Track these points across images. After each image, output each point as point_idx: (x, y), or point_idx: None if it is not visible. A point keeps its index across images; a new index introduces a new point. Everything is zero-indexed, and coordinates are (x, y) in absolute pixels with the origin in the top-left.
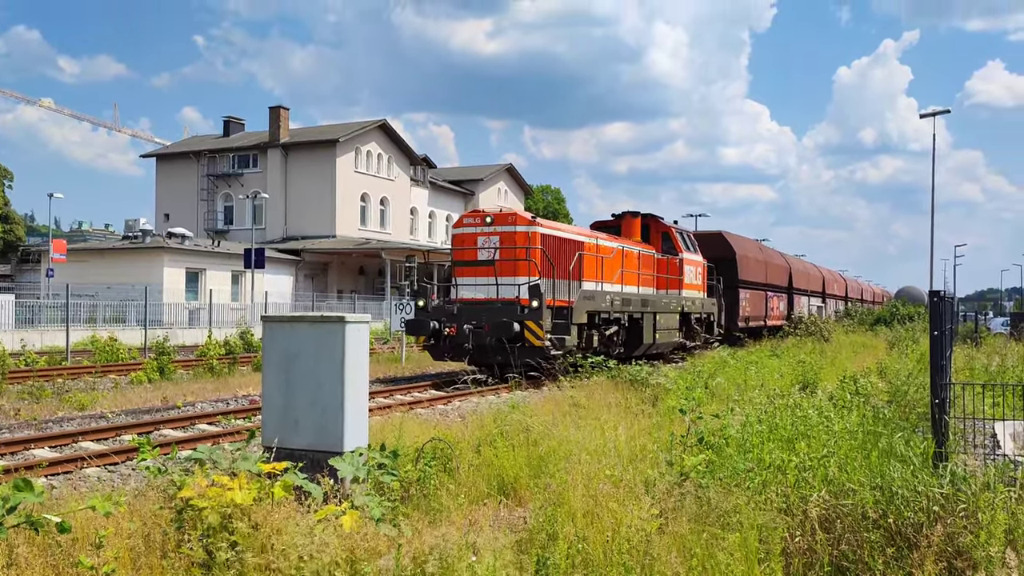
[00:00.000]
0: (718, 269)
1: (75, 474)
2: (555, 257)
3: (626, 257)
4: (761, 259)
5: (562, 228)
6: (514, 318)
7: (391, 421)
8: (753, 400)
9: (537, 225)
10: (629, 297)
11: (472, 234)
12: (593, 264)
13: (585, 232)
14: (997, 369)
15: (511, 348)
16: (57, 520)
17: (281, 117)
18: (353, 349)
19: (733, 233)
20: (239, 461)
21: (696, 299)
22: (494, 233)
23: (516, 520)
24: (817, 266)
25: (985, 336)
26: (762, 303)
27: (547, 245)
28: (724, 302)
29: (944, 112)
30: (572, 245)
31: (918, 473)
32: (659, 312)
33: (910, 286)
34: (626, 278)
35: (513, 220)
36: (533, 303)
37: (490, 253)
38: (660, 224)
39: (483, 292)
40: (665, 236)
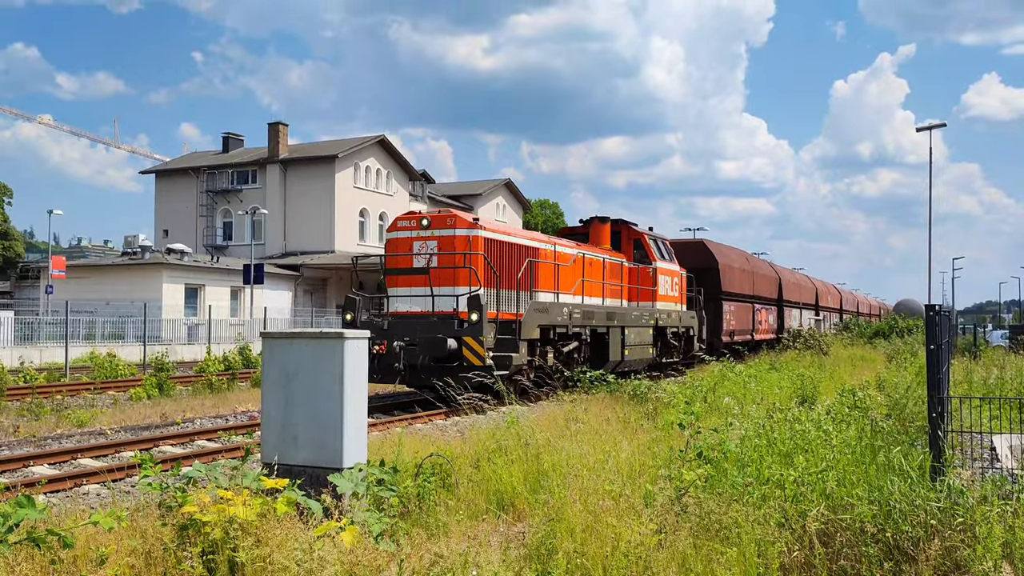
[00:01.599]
0: (699, 280)
1: (75, 491)
2: (502, 264)
3: (590, 265)
4: (747, 269)
5: (511, 232)
6: (450, 334)
7: (390, 437)
8: (752, 414)
9: (479, 228)
10: (592, 309)
11: (407, 239)
12: (548, 273)
13: (540, 237)
14: (996, 382)
15: (447, 368)
16: (60, 535)
17: (280, 133)
18: (352, 365)
19: (716, 242)
20: (240, 477)
21: (672, 312)
22: (431, 238)
23: (515, 535)
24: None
25: (984, 349)
26: (748, 316)
27: (492, 251)
28: (706, 315)
29: (940, 126)
30: (523, 251)
31: (916, 487)
32: (628, 326)
33: (909, 299)
34: (589, 288)
35: (452, 222)
36: (472, 316)
37: (427, 260)
38: (632, 230)
39: (419, 304)
40: (637, 243)
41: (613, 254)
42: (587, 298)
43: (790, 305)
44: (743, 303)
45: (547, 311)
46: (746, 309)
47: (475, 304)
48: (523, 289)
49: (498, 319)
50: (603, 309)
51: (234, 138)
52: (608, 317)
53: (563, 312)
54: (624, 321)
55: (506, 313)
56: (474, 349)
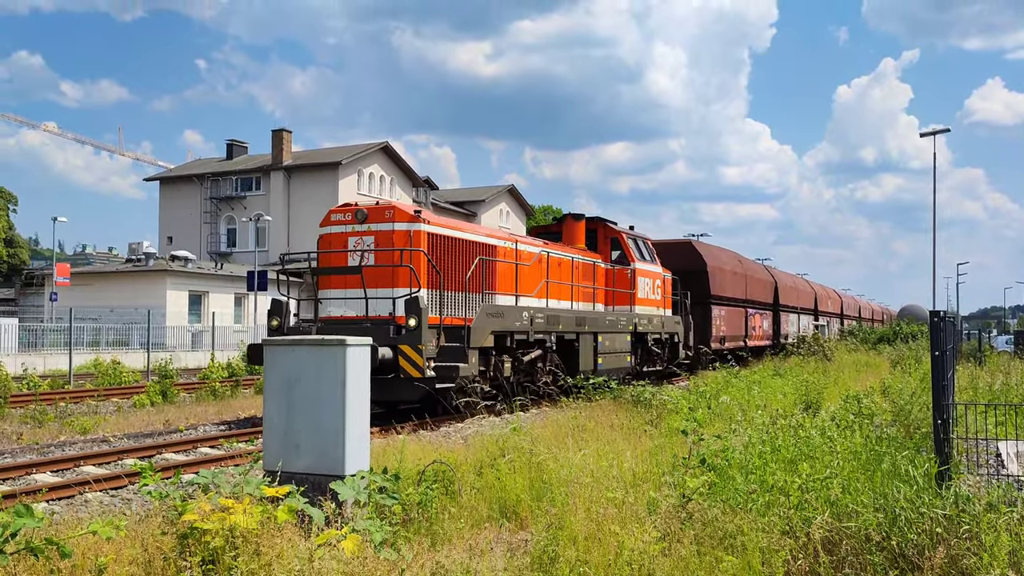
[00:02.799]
0: (686, 283)
1: (77, 499)
2: (450, 263)
3: (557, 265)
4: (740, 272)
5: (461, 227)
6: (385, 341)
7: (393, 443)
8: (755, 420)
9: (422, 222)
10: (557, 314)
11: (341, 235)
12: (507, 273)
13: (498, 234)
14: (1001, 388)
15: (381, 381)
16: (58, 545)
17: (284, 140)
18: (354, 372)
19: (705, 243)
20: (241, 485)
21: (654, 316)
22: (368, 233)
23: (518, 543)
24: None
25: (989, 354)
26: (740, 321)
27: (437, 248)
28: (693, 320)
29: (944, 131)
30: (475, 249)
31: (921, 494)
32: (602, 332)
33: (913, 304)
34: (555, 291)
35: (391, 215)
36: (410, 321)
37: (363, 258)
38: (609, 229)
39: (355, 308)
40: (615, 243)
41: (587, 254)
42: (553, 301)
43: (787, 310)
44: (735, 308)
45: (503, 315)
46: (738, 314)
47: (413, 307)
48: (474, 291)
49: (441, 325)
50: (572, 314)
51: (238, 145)
52: (578, 322)
53: (523, 317)
54: (597, 327)
55: (454, 318)
56: (411, 359)
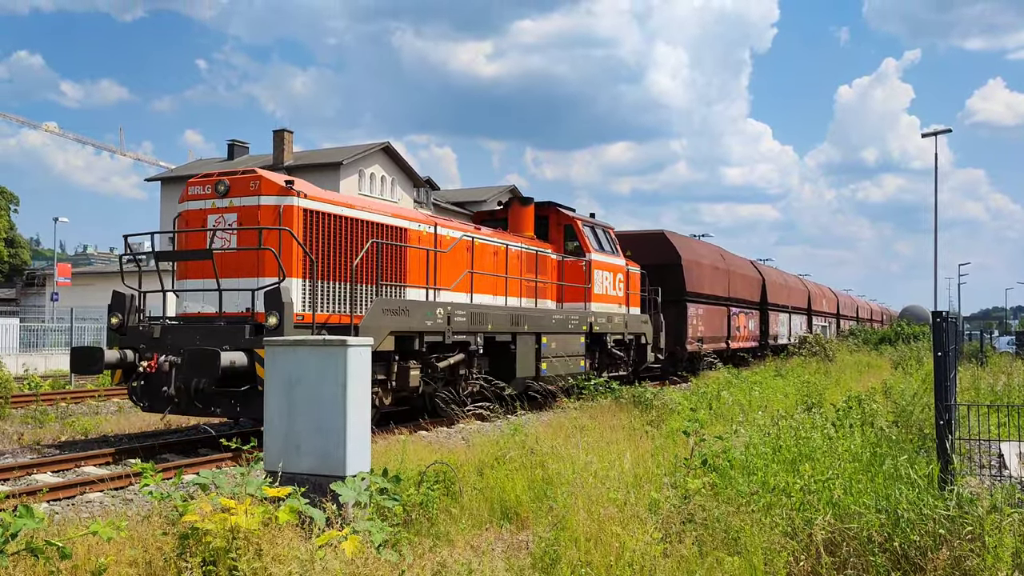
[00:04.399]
0: (659, 278)
1: (77, 499)
2: (335, 248)
3: (493, 255)
4: (721, 267)
5: (354, 203)
6: (239, 344)
7: (394, 444)
8: (756, 421)
9: (295, 195)
10: (485, 310)
11: (200, 211)
12: (418, 262)
13: (409, 214)
14: (1003, 389)
15: (235, 395)
16: (58, 546)
17: (285, 140)
18: (355, 372)
19: (680, 234)
20: (242, 486)
21: (615, 314)
22: (230, 209)
23: (519, 544)
24: (803, 279)
25: (991, 355)
26: (722, 321)
27: (317, 228)
28: (665, 320)
29: (946, 131)
30: (373, 231)
31: (923, 495)
32: (547, 332)
33: (914, 305)
34: (485, 284)
35: (256, 187)
36: (270, 319)
37: (226, 240)
38: (562, 215)
39: (215, 302)
40: (568, 231)
41: (533, 242)
42: (482, 296)
43: (776, 309)
44: (715, 306)
45: (406, 312)
46: (719, 313)
47: (274, 301)
48: (366, 282)
49: (314, 323)
50: (505, 311)
51: (239, 145)
52: (513, 321)
53: (436, 314)
54: (540, 326)
55: (339, 315)
56: None
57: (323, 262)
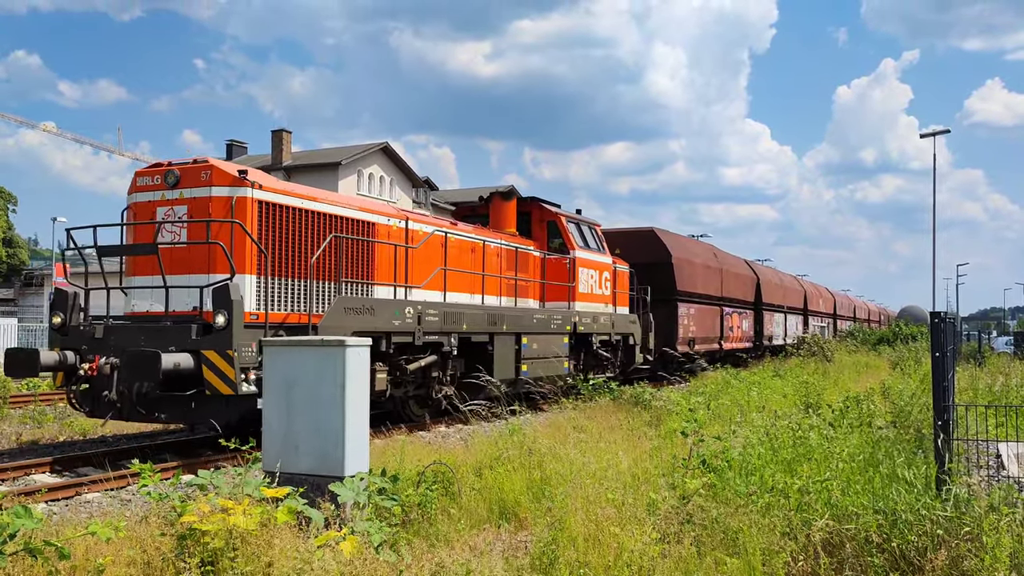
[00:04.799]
0: (649, 277)
1: (76, 500)
2: (294, 243)
3: (471, 251)
4: (714, 266)
5: (314, 195)
6: (185, 345)
7: (393, 444)
8: (754, 422)
9: (248, 186)
10: (459, 309)
11: (149, 204)
12: (385, 258)
13: (376, 207)
14: (1001, 389)
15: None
16: (57, 546)
17: (284, 140)
18: (353, 373)
19: (671, 232)
20: (241, 486)
21: (601, 314)
22: (180, 200)
23: (518, 544)
24: (799, 279)
25: (989, 356)
26: (714, 321)
27: (274, 221)
28: (655, 320)
29: (944, 132)
30: (335, 225)
31: (921, 496)
32: (527, 332)
33: (913, 305)
34: (460, 281)
35: (208, 178)
36: (218, 318)
37: (176, 234)
38: (545, 211)
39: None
40: (552, 227)
41: (514, 239)
42: (457, 294)
43: (771, 309)
44: (708, 306)
45: (371, 311)
46: (711, 313)
47: (222, 299)
48: (327, 279)
49: (266, 323)
50: (482, 310)
51: (238, 145)
52: (491, 320)
53: (405, 313)
54: (519, 326)
55: (299, 315)
56: (219, 370)
57: (280, 257)
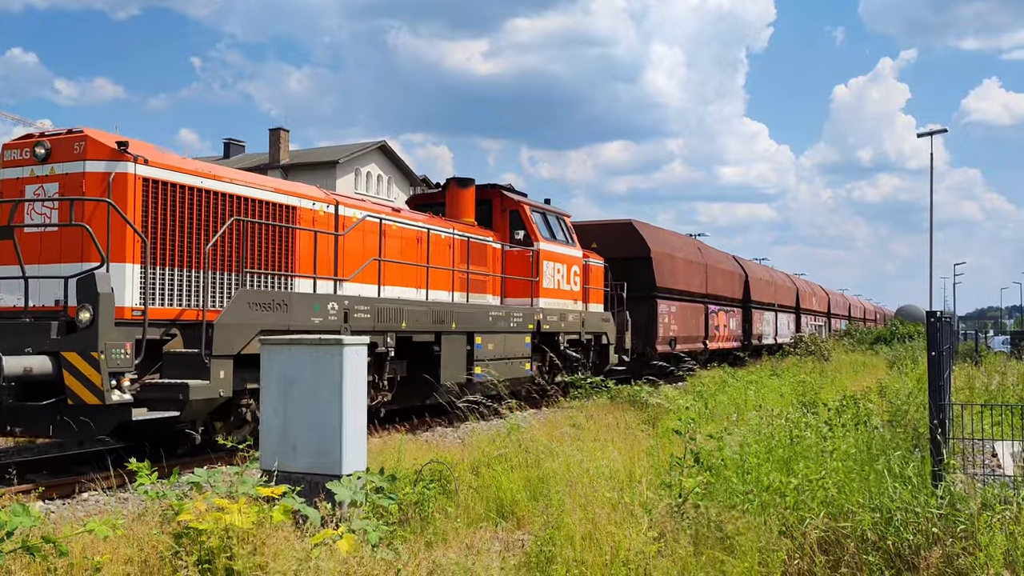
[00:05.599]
0: (627, 272)
1: (73, 498)
2: (187, 226)
3: (412, 242)
4: (698, 261)
5: (216, 173)
6: (44, 346)
7: (390, 443)
8: (751, 420)
9: (130, 161)
10: (397, 305)
11: (16, 180)
12: (308, 247)
13: (293, 189)
14: (997, 388)
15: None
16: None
17: (281, 139)
18: (351, 372)
19: (651, 224)
20: (238, 485)
21: (569, 311)
22: (52, 177)
23: (515, 543)
24: (791, 276)
25: (985, 355)
26: (699, 319)
27: (163, 202)
28: (631, 317)
29: (942, 131)
30: (243, 207)
31: (917, 494)
32: (482, 331)
33: (910, 304)
34: (399, 274)
35: (81, 150)
36: (81, 314)
37: (47, 216)
38: (507, 199)
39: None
40: (515, 217)
41: (470, 229)
42: (395, 288)
43: (760, 307)
44: (691, 303)
45: (283, 306)
46: (695, 311)
47: (87, 292)
48: (228, 270)
49: (145, 319)
50: (426, 306)
51: (235, 144)
52: (437, 318)
53: (328, 309)
54: (472, 323)
55: (196, 311)
56: (82, 375)
57: (173, 244)
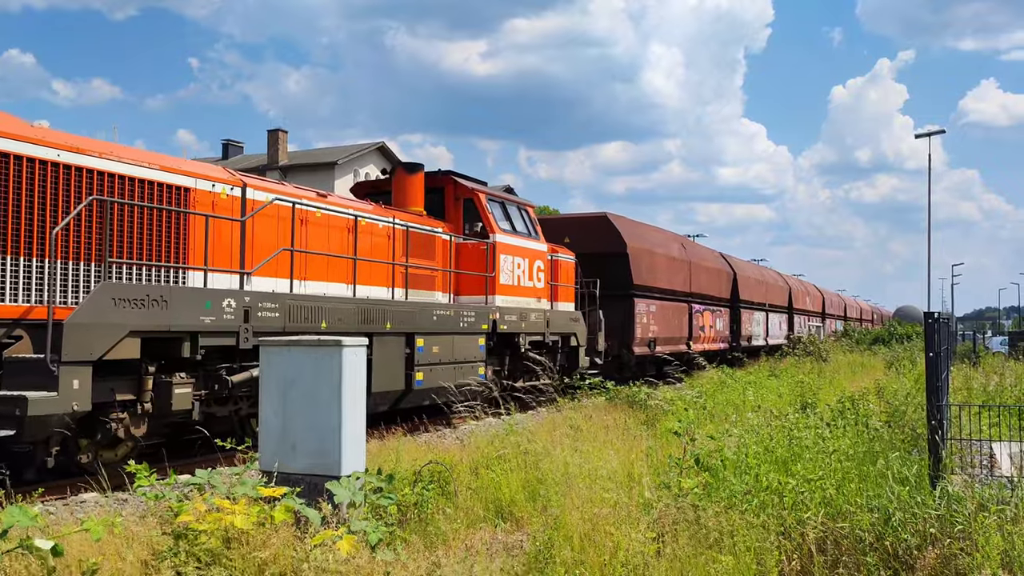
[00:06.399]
0: (601, 269)
1: (72, 499)
2: (35, 208)
3: (343, 231)
4: (681, 258)
5: (80, 146)
6: None
7: (389, 444)
8: (749, 421)
9: None
10: (314, 303)
11: None
12: (201, 234)
13: (186, 167)
14: (995, 389)
15: None
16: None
17: (280, 140)
18: (350, 372)
19: (628, 218)
20: (238, 486)
21: (532, 310)
22: None
23: (514, 544)
24: (783, 275)
25: (983, 355)
26: (681, 319)
27: (6, 178)
28: (609, 317)
29: (940, 132)
30: (116, 186)
31: (914, 495)
32: (424, 332)
33: (908, 305)
34: (326, 269)
35: None
36: None
37: None
38: (461, 187)
39: None
40: (469, 206)
41: (417, 219)
42: (317, 283)
43: (750, 307)
44: (673, 302)
45: (161, 303)
46: (678, 310)
47: None
48: (93, 260)
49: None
50: (353, 304)
51: (234, 145)
52: (366, 317)
53: (222, 306)
54: (412, 324)
55: (44, 308)
56: None
57: (13, 228)
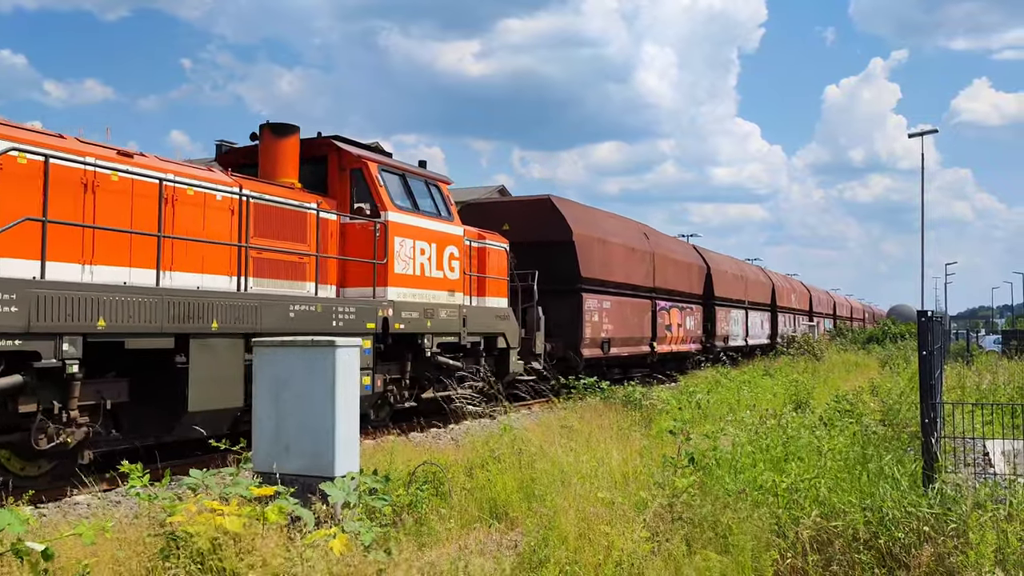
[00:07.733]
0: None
1: (65, 501)
2: None
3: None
4: (641, 249)
5: None
6: None
7: (383, 445)
8: (744, 420)
9: None
10: (84, 293)
11: None
12: None
13: None
14: (989, 387)
15: None
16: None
17: None
18: (344, 373)
19: (575, 202)
20: (230, 486)
21: (441, 306)
22: None
23: (508, 544)
24: (767, 271)
25: (977, 354)
26: (642, 318)
27: None
28: (552, 315)
29: (932, 132)
30: None
31: (908, 493)
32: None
33: (902, 304)
34: (134, 251)
35: None
36: None
37: None
38: (345, 154)
39: None
40: (357, 178)
41: (268, 189)
42: (119, 270)
43: (726, 304)
44: (632, 298)
45: None
46: (637, 307)
47: None
48: None
49: None
50: (156, 295)
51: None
52: (180, 313)
53: None
54: (255, 322)
55: None
56: None
57: None
